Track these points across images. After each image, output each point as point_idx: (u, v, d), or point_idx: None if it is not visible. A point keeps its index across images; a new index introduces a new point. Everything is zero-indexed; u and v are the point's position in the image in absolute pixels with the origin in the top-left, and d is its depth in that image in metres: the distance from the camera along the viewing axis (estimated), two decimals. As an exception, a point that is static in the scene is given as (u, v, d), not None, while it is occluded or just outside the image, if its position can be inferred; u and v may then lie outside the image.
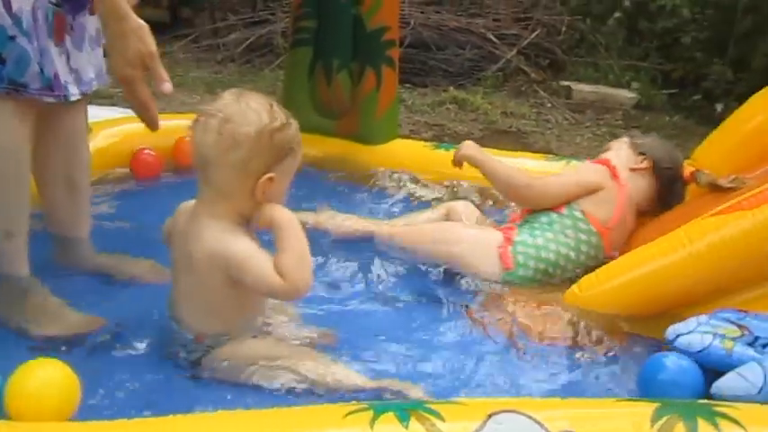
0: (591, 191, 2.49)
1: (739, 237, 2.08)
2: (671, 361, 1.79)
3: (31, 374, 1.43)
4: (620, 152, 2.66)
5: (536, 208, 2.54)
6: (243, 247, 1.73)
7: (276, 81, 5.33)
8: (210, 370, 1.77)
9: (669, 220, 2.46)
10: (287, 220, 1.74)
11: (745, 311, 1.98)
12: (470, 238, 2.45)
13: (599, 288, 2.20)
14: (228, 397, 1.67)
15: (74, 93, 1.98)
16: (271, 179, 1.73)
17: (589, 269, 2.33)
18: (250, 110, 1.71)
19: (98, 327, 1.90)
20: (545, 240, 2.42)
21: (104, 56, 2.10)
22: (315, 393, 1.71)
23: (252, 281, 1.73)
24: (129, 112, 2.02)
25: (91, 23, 2.05)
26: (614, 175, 2.53)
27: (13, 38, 1.80)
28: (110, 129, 3.09)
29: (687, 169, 2.67)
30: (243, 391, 1.71)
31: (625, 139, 2.74)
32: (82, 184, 2.22)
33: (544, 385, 1.88)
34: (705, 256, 2.11)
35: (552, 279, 2.41)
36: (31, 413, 1.39)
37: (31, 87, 1.85)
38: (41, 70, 1.86)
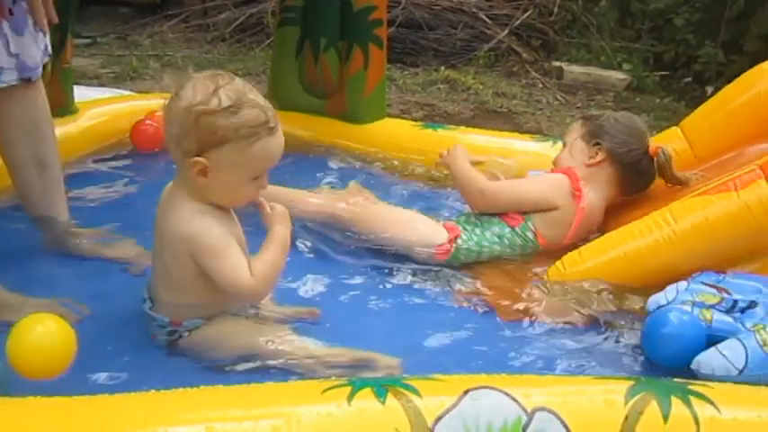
0: (544, 208, 2.41)
1: (725, 217, 2.10)
2: (674, 315, 1.84)
3: (29, 328, 1.43)
4: (574, 149, 2.53)
5: (488, 212, 2.47)
6: (215, 237, 1.71)
7: (267, 61, 5.29)
8: (188, 351, 1.78)
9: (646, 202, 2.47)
10: (280, 236, 1.76)
11: (723, 272, 2.01)
12: (422, 228, 2.39)
13: (583, 265, 2.22)
14: (206, 375, 1.68)
15: (9, 79, 1.96)
16: (203, 165, 1.66)
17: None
18: (189, 87, 1.67)
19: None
20: (490, 252, 2.38)
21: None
22: (292, 371, 1.72)
23: (217, 272, 1.71)
24: (117, 92, 2.02)
25: (37, 7, 2.01)
26: (576, 192, 2.40)
27: None
28: (96, 108, 3.09)
29: (653, 144, 2.51)
30: (221, 370, 1.72)
31: (577, 127, 2.59)
32: (52, 164, 2.23)
33: (525, 362, 1.89)
34: (689, 235, 2.13)
35: None
36: (33, 363, 1.42)
37: None
38: None
